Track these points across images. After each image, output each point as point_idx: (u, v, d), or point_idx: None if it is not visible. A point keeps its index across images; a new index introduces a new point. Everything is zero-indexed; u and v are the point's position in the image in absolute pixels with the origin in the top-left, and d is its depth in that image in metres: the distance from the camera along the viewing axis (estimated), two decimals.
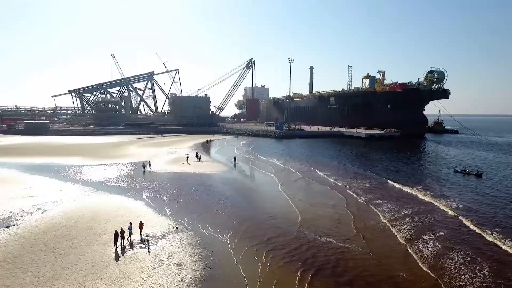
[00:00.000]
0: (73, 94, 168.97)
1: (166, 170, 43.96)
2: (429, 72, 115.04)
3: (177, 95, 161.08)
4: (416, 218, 25.01)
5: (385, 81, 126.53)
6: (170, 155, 59.60)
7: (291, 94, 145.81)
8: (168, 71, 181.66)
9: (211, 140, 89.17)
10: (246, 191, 33.94)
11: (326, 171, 44.09)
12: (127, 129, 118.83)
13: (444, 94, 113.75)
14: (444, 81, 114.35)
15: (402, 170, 45.98)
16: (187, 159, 51.00)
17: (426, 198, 30.95)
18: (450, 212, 26.57)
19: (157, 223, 22.76)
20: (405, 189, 34.55)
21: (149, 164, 45.79)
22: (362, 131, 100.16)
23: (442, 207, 27.95)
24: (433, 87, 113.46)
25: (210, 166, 48.42)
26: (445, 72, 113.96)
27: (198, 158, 53.62)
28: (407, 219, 24.76)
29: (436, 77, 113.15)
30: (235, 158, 52.35)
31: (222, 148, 75.39)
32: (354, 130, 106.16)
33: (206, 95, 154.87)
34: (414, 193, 33.02)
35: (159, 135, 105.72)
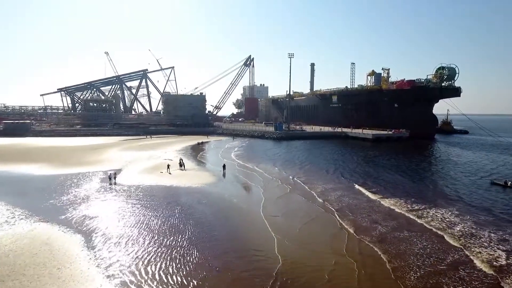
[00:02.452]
0: (62, 92, 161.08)
1: (137, 182, 35.93)
2: (439, 68, 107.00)
3: (171, 93, 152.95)
4: (453, 281, 15.77)
5: (390, 78, 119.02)
6: (151, 161, 51.60)
7: (291, 93, 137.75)
8: (162, 69, 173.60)
9: (203, 142, 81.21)
10: (224, 213, 25.72)
11: (323, 185, 35.52)
12: (116, 130, 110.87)
13: (456, 92, 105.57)
14: (455, 78, 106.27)
15: (421, 185, 36.55)
16: (167, 167, 43.00)
17: (458, 242, 20.13)
18: (501, 267, 17.14)
19: (75, 285, 14.69)
20: (429, 219, 24.54)
21: (114, 178, 36.72)
22: (368, 132, 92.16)
23: (492, 259, 17.92)
24: (443, 84, 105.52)
25: (194, 176, 40.40)
26: (456, 69, 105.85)
27: (182, 165, 45.63)
28: (437, 280, 15.76)
29: (447, 73, 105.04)
30: (224, 166, 44.38)
31: (214, 151, 67.39)
32: (359, 130, 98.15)
33: (201, 93, 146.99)
34: (442, 229, 22.35)
35: (148, 136, 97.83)
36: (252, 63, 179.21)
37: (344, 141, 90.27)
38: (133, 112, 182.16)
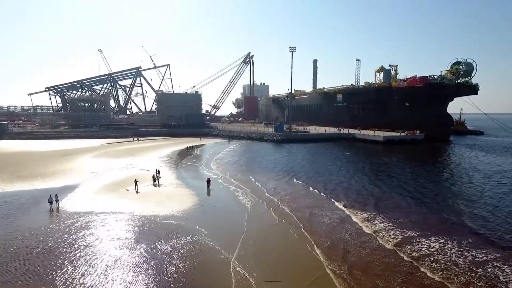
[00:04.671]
0: (50, 91, 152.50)
1: (86, 208, 26.95)
2: (454, 63, 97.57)
3: (165, 92, 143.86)
4: None
5: (398, 76, 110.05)
6: (123, 172, 42.63)
7: (293, 91, 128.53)
8: (156, 67, 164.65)
9: (193, 147, 72.03)
10: (185, 275, 16.49)
11: (320, 216, 25.67)
12: (102, 131, 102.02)
13: (473, 89, 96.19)
14: (472, 74, 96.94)
15: (457, 218, 25.43)
16: (135, 183, 33.70)
17: None
18: None
19: None
20: None
21: (56, 201, 27.26)
22: (379, 134, 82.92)
23: None
24: (458, 81, 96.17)
25: (167, 196, 31.31)
26: (474, 64, 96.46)
27: (155, 180, 36.54)
28: None
29: (464, 69, 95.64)
30: (208, 181, 35.25)
31: (203, 159, 58.23)
32: (369, 132, 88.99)
33: (197, 92, 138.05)
34: None
35: (135, 139, 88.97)
36: (251, 61, 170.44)
37: (352, 144, 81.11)
38: (128, 112, 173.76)
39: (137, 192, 32.39)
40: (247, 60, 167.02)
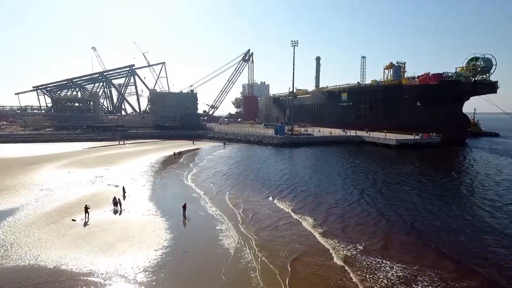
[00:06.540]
0: (38, 91, 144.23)
1: None
2: (471, 59, 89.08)
3: (158, 91, 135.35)
4: None
5: (405, 73, 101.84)
6: (85, 188, 34.40)
7: (294, 90, 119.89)
8: (150, 65, 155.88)
9: (181, 153, 63.35)
10: None
11: (320, 274, 17.65)
12: (87, 134, 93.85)
13: (492, 87, 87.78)
14: (491, 71, 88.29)
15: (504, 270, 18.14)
16: (86, 210, 25.34)
17: None
18: None
19: None
20: None
21: None
22: (391, 137, 74.30)
23: None
24: (475, 78, 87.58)
25: (124, 231, 23.01)
26: (493, 60, 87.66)
27: (117, 204, 28.17)
28: None
29: (482, 65, 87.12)
30: (184, 207, 26.89)
31: (188, 169, 49.63)
32: (381, 134, 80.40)
33: (192, 91, 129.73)
34: None
35: (121, 143, 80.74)
36: (251, 59, 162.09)
37: (360, 148, 72.75)
38: (123, 113, 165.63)
39: (86, 224, 24.12)
40: (247, 57, 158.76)
